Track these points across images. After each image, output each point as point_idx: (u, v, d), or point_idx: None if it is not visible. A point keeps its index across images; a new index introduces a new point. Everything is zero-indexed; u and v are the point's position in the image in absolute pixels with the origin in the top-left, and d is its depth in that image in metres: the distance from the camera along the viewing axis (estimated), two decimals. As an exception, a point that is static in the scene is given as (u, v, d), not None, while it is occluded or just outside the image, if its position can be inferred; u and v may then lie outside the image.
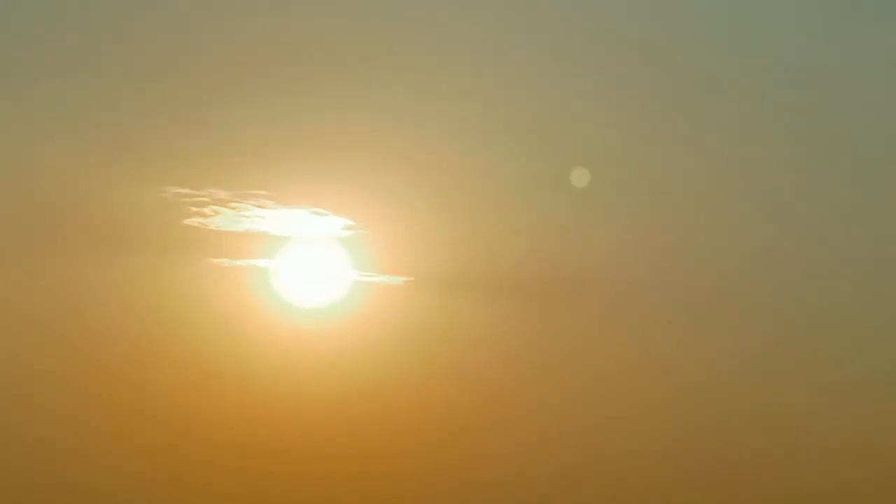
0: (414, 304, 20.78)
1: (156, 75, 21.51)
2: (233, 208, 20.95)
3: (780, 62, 28.39)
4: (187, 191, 20.90)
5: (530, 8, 28.28)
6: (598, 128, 27.06)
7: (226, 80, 21.44)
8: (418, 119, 21.10)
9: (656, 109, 27.88)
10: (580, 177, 23.59)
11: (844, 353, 26.48)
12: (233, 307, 20.96)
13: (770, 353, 25.40)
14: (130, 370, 20.73)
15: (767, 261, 27.55)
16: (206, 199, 20.83)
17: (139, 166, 21.18)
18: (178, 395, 20.70)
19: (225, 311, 20.84)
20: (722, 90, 29.62)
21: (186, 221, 20.95)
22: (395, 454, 21.45)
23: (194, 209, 20.89)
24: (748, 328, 27.12)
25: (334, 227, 20.76)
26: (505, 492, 21.88)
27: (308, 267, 20.92)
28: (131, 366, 20.67)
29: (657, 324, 25.90)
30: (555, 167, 25.12)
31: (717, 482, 24.08)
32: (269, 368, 20.78)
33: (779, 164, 28.54)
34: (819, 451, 25.67)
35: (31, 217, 21.13)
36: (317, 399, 21.01)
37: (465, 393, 21.66)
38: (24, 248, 21.31)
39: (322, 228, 20.80)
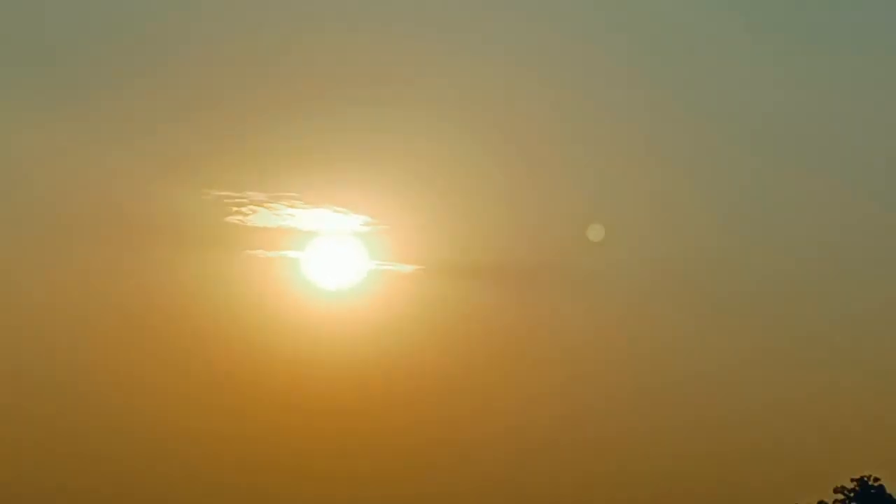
0: (423, 290, 24.70)
1: (205, 97, 25.45)
2: (268, 208, 24.72)
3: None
4: (229, 193, 25.18)
5: (534, 15, 30.33)
6: (597, 128, 29.47)
7: (262, 100, 25.36)
8: (429, 127, 25.08)
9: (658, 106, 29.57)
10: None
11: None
12: (268, 292, 24.90)
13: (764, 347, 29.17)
14: (180, 346, 24.65)
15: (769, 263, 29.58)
16: (245, 200, 24.63)
17: (189, 173, 25.27)
18: (220, 368, 24.67)
19: (261, 296, 24.76)
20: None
21: (228, 219, 25.07)
22: (405, 411, 25.48)
23: (235, 209, 24.78)
24: (744, 324, 29.29)
25: (354, 224, 24.60)
26: (503, 449, 26.06)
27: (332, 258, 24.93)
28: (181, 342, 24.59)
29: (652, 312, 28.49)
30: (560, 167, 28.09)
31: (709, 467, 27.74)
32: (298, 344, 24.76)
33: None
34: (819, 440, 28.38)
35: (97, 217, 25.08)
36: (340, 368, 24.97)
37: (465, 367, 25.55)
38: (88, 244, 25.48)
39: (344, 225, 24.66)
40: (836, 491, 25.29)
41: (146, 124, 25.85)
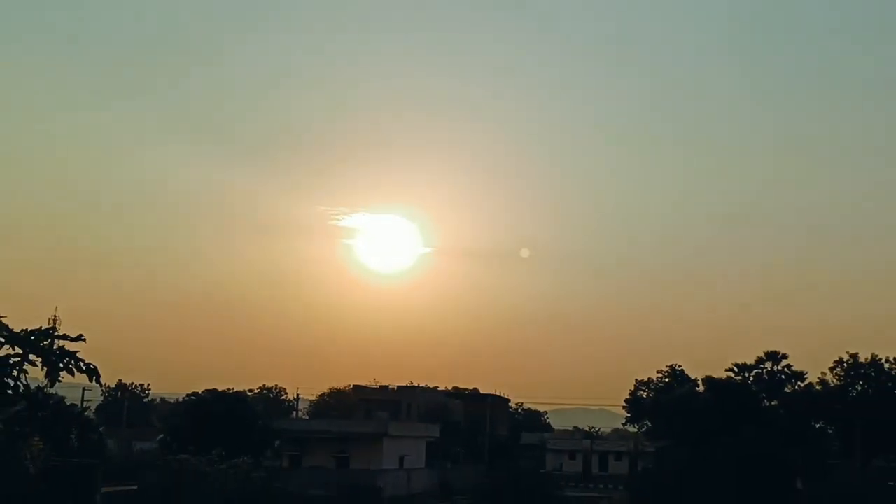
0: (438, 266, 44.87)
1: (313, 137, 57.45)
2: (348, 215, 33.67)
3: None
4: (327, 207, 56.16)
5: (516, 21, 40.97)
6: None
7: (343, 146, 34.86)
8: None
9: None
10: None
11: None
12: (347, 267, 65.28)
13: None
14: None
15: None
16: (336, 212, 36.24)
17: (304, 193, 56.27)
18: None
19: (343, 269, 70.90)
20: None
21: (328, 223, 43.44)
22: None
23: (332, 216, 38.55)
24: None
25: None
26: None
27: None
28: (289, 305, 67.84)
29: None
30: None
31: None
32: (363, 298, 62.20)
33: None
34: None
35: (245, 222, 36.89)
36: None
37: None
38: (234, 239, 66.41)
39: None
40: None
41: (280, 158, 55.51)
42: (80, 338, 12.78)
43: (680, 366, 46.80)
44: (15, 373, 12.66)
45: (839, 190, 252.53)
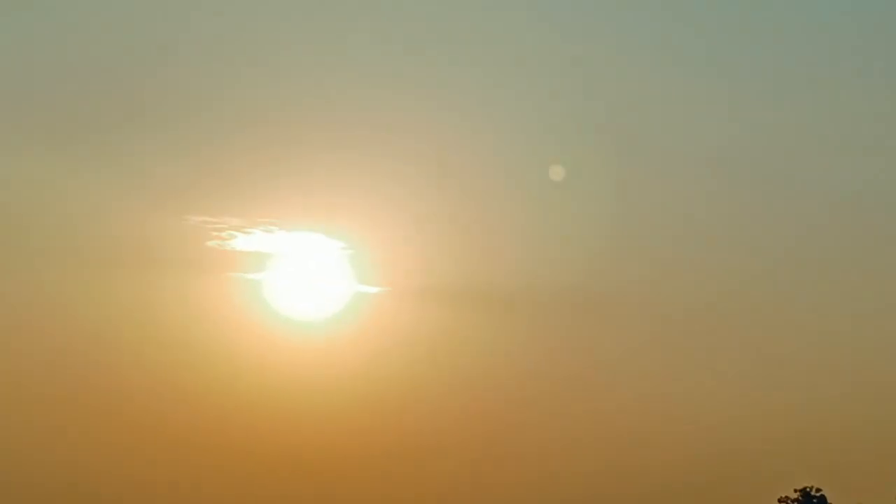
0: (388, 312, 25.84)
1: (183, 126, 26.73)
2: (246, 232, 25.86)
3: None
4: (208, 219, 26.35)
5: (522, 18, 30.51)
6: (575, 136, 29.61)
7: (238, 128, 26.56)
8: (403, 158, 26.33)
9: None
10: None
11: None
12: (245, 312, 26.03)
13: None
14: (161, 369, 25.65)
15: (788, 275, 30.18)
16: (224, 225, 25.80)
17: (169, 199, 26.61)
18: (195, 389, 25.63)
19: (239, 316, 25.92)
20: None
21: (208, 244, 26.53)
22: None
23: (214, 233, 25.92)
24: (768, 343, 29.56)
25: (331, 248, 25.75)
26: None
27: (307, 280, 26.25)
28: (162, 364, 25.59)
29: (627, 334, 29.03)
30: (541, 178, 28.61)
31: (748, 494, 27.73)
32: (279, 366, 25.90)
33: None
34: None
35: (79, 243, 26.33)
36: (319, 393, 26.19)
37: (445, 406, 26.78)
38: (70, 269, 26.74)
39: (321, 248, 25.83)
40: (780, 501, 27.18)
41: (126, 151, 27.06)
42: None
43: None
44: None
45: None
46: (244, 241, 26.13)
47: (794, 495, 29.60)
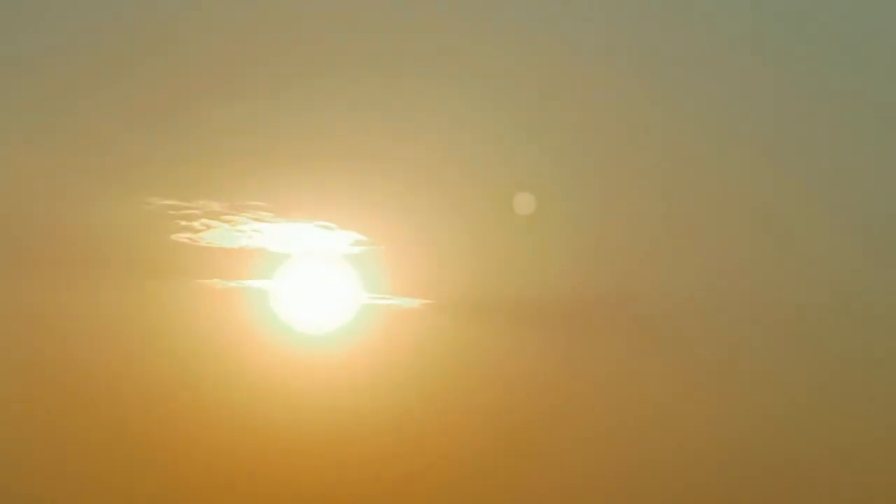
0: (433, 330, 18.06)
1: (137, 74, 19.00)
2: (227, 222, 18.51)
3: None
4: (175, 202, 18.51)
5: (560, 8, 25.93)
6: (620, 139, 24.88)
7: (217, 77, 18.92)
8: (439, 124, 18.46)
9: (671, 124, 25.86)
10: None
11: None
12: (227, 334, 18.48)
13: (824, 376, 23.61)
14: (110, 405, 18.31)
15: (814, 275, 25.84)
16: (196, 211, 18.44)
17: (120, 176, 18.67)
18: (163, 433, 18.27)
19: (218, 339, 18.37)
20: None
21: (174, 237, 18.50)
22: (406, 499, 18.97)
23: (183, 223, 18.49)
24: (793, 353, 25.58)
25: (343, 243, 18.33)
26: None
27: (313, 288, 18.40)
28: (111, 401, 18.24)
29: (691, 348, 24.03)
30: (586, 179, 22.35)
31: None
32: (268, 405, 18.26)
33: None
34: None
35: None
36: (321, 439, 18.46)
37: (490, 436, 19.13)
38: None
39: (329, 244, 18.38)
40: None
41: (64, 116, 19.76)
42: None
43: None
44: None
45: None
46: (222, 235, 18.03)
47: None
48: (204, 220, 18.67)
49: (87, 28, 19.55)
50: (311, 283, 18.49)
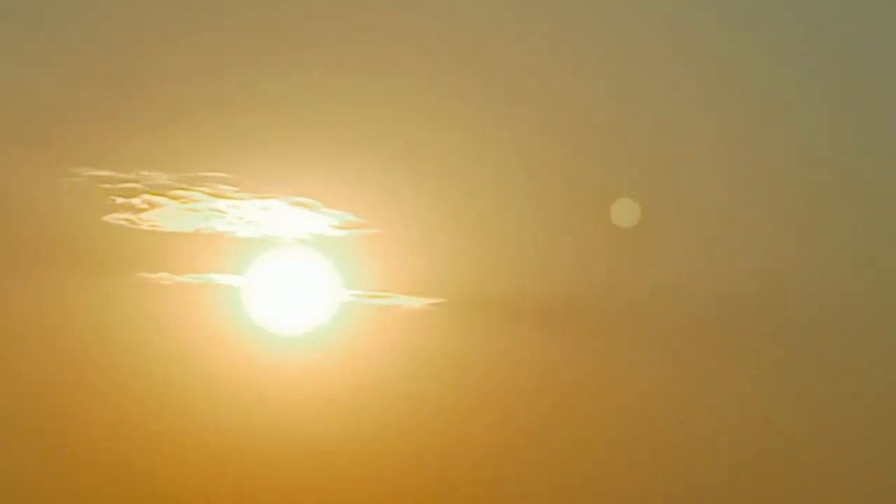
0: (440, 334, 14.61)
1: (59, 19, 15.04)
2: (177, 199, 14.79)
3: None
4: (109, 173, 14.70)
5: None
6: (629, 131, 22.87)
7: (165, 22, 15.08)
8: (437, 106, 14.82)
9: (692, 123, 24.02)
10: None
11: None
12: (178, 343, 14.80)
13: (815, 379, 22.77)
14: (40, 421, 14.67)
15: (808, 277, 25.08)
16: (137, 185, 14.70)
17: (38, 140, 14.74)
18: (111, 455, 14.69)
19: (168, 347, 14.72)
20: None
21: (108, 218, 14.68)
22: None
23: (120, 200, 14.75)
24: (793, 353, 25.04)
25: (328, 225, 14.79)
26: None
27: (289, 284, 14.74)
28: (40, 417, 14.58)
29: (699, 352, 23.11)
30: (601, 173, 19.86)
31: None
32: (235, 419, 14.81)
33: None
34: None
35: None
36: (304, 453, 15.08)
37: (497, 443, 16.14)
38: None
39: (308, 226, 14.87)
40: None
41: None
42: None
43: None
44: None
45: None
46: (172, 216, 14.24)
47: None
48: (147, 197, 14.99)
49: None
50: (286, 277, 14.91)
